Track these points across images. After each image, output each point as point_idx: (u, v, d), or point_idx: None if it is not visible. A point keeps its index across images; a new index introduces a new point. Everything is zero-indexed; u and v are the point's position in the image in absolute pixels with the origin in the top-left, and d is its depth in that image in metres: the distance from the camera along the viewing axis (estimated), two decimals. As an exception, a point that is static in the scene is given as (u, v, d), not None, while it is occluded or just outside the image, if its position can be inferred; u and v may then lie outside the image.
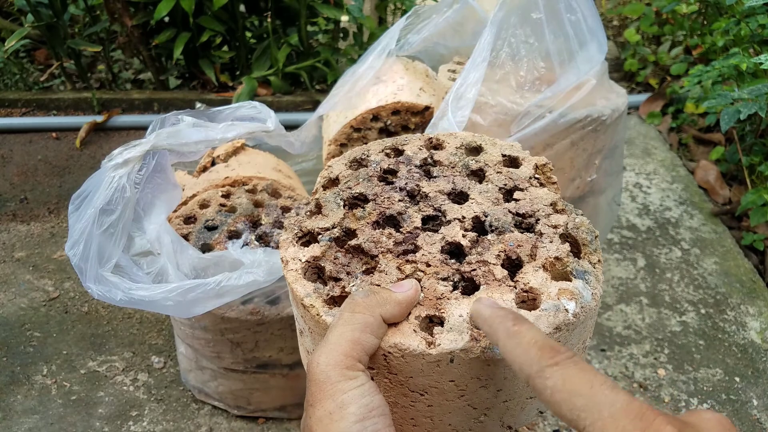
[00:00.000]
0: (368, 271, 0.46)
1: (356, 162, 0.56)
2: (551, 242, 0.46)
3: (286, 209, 0.91)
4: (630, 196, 1.51)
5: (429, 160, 0.55)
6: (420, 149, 0.57)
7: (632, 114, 1.88)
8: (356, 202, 0.52)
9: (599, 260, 0.46)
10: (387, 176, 0.54)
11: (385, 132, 1.17)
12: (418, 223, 0.49)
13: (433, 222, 0.50)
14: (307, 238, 0.50)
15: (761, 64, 1.08)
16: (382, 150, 0.57)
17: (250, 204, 0.91)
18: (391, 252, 0.46)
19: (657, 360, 1.06)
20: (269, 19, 1.81)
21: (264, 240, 0.85)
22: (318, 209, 0.52)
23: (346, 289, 0.44)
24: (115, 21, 1.82)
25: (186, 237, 0.85)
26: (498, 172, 0.53)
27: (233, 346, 0.83)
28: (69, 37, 1.88)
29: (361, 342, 0.38)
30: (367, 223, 0.49)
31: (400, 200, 0.51)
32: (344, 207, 0.51)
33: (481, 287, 0.43)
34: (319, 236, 0.48)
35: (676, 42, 2.06)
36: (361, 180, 0.53)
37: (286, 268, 0.47)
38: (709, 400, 0.99)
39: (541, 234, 0.47)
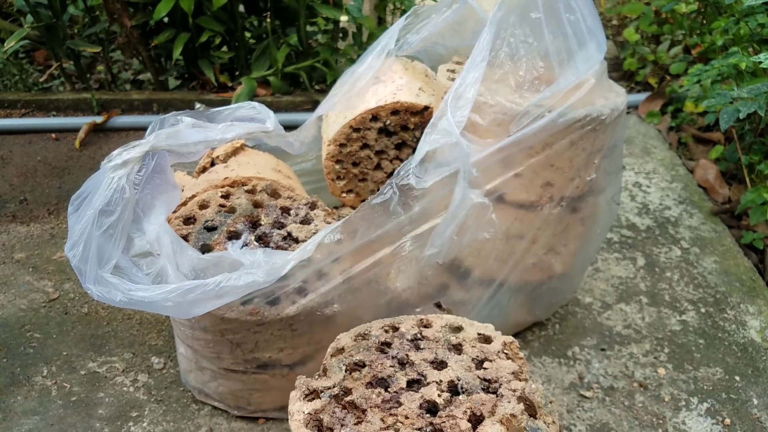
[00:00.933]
0: (358, 423, 0.57)
1: (360, 336, 0.69)
2: (509, 402, 0.57)
3: (285, 209, 0.91)
4: (629, 195, 1.51)
5: (419, 335, 0.68)
6: (413, 327, 0.70)
7: (631, 113, 1.88)
8: (356, 367, 0.64)
9: (554, 421, 0.57)
10: (384, 347, 0.67)
11: (385, 132, 1.17)
12: (404, 384, 0.61)
13: (417, 384, 0.61)
14: (312, 395, 0.61)
15: (761, 63, 1.08)
16: (382, 327, 0.70)
17: (250, 204, 0.91)
18: (378, 407, 0.58)
19: (657, 359, 1.06)
20: (268, 20, 1.81)
21: (263, 240, 0.85)
22: (324, 372, 0.64)
23: None
24: (114, 21, 1.82)
25: (185, 238, 0.85)
26: (473, 346, 0.66)
27: (233, 346, 0.83)
28: (68, 37, 1.88)
29: None
30: (362, 383, 0.61)
31: (391, 366, 0.63)
32: (345, 371, 0.63)
33: None
34: (322, 393, 0.60)
35: (675, 41, 2.06)
36: (362, 350, 0.66)
37: (292, 419, 0.58)
38: (710, 399, 0.99)
39: (502, 396, 0.58)
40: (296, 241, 0.85)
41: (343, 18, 1.92)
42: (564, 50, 0.87)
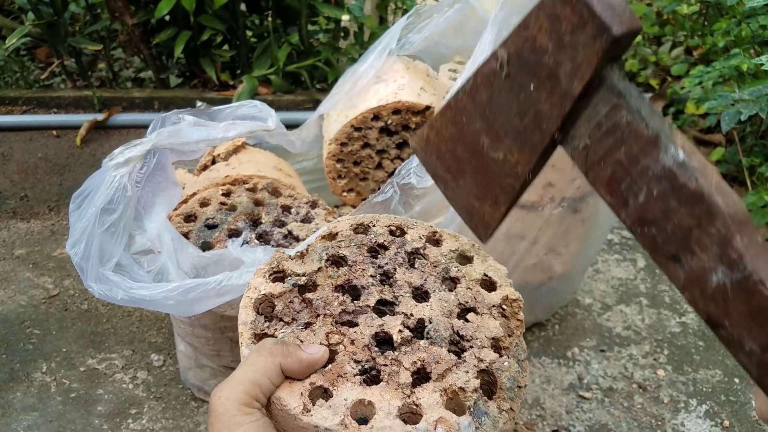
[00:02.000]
0: (308, 326, 0.50)
1: (361, 226, 0.61)
2: (466, 372, 0.48)
3: (286, 208, 0.92)
4: (630, 197, 1.51)
5: (421, 251, 0.58)
6: (420, 238, 0.60)
7: (633, 114, 1.87)
8: (337, 262, 0.56)
9: (511, 408, 0.47)
10: (377, 250, 0.58)
11: (386, 131, 1.17)
12: (372, 302, 0.52)
13: (385, 308, 0.53)
14: (280, 275, 0.54)
15: (762, 65, 1.08)
16: (389, 225, 0.61)
17: (251, 202, 0.91)
18: (333, 317, 0.50)
19: (656, 361, 1.06)
20: (270, 18, 1.81)
21: (264, 239, 0.85)
22: (302, 255, 0.56)
23: (276, 333, 0.49)
24: (115, 19, 1.82)
25: (186, 235, 0.85)
26: (468, 288, 0.55)
27: (233, 344, 0.83)
28: (70, 35, 1.88)
29: (260, 384, 0.42)
30: (333, 284, 0.54)
31: (371, 275, 0.55)
32: (325, 262, 0.55)
33: (381, 383, 0.46)
34: (287, 279, 0.53)
35: (676, 42, 2.06)
36: (353, 244, 0.58)
37: (246, 293, 0.52)
38: (708, 401, 0.99)
39: (464, 362, 0.49)
40: (297, 239, 0.85)
41: (345, 17, 1.92)
42: (566, 51, 0.86)
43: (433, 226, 0.61)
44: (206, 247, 0.83)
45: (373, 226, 0.60)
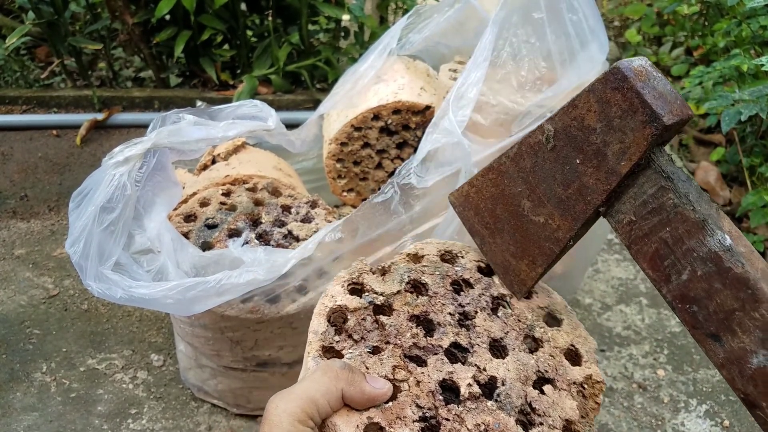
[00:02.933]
0: (375, 351, 0.47)
1: (449, 254, 0.57)
2: None
3: (286, 208, 0.91)
4: (630, 197, 1.51)
5: (506, 299, 0.54)
6: (500, 284, 0.55)
7: (633, 114, 1.87)
8: (417, 288, 0.53)
9: None
10: (461, 285, 0.54)
11: (386, 131, 1.17)
12: (446, 344, 0.49)
13: (457, 353, 0.49)
14: (358, 288, 0.52)
15: (762, 65, 1.08)
16: (479, 261, 0.57)
17: (251, 202, 0.91)
18: (402, 348, 0.48)
19: (656, 360, 1.06)
20: (270, 18, 1.81)
21: (264, 238, 0.85)
22: (384, 271, 0.54)
23: (344, 351, 0.47)
24: (116, 19, 1.82)
25: (186, 235, 0.85)
26: (550, 356, 0.51)
27: (233, 344, 0.83)
28: (70, 34, 1.88)
29: (318, 404, 0.42)
30: (409, 312, 0.51)
31: (450, 313, 0.51)
32: (404, 284, 0.53)
33: None
34: (365, 294, 0.51)
35: (677, 43, 2.06)
36: (437, 273, 0.54)
37: (323, 296, 0.50)
38: (708, 401, 0.99)
39: None
40: (297, 239, 0.85)
41: (345, 17, 1.92)
42: (566, 50, 0.87)
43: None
44: (206, 246, 0.83)
45: (462, 257, 0.57)
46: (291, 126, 1.13)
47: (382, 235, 0.78)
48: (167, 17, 1.80)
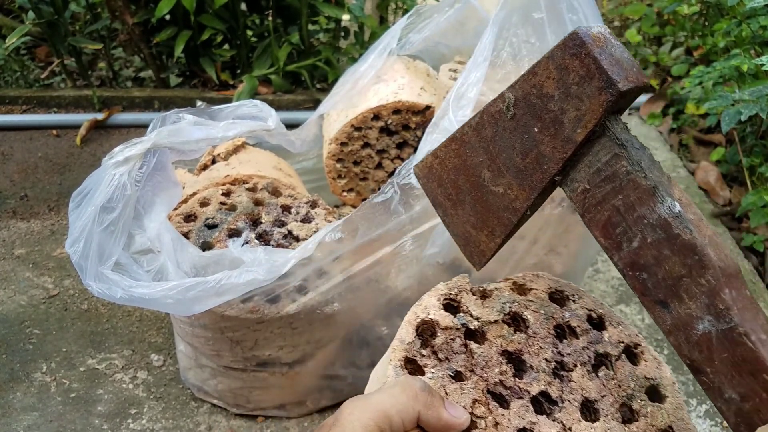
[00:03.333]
0: (457, 377, 0.45)
1: (559, 294, 0.54)
2: None
3: (286, 208, 0.91)
4: (630, 197, 1.50)
5: (612, 360, 0.50)
6: (619, 344, 0.51)
7: (633, 115, 1.88)
8: (516, 321, 0.51)
9: None
10: (565, 332, 0.51)
11: (386, 131, 1.17)
12: (535, 390, 0.46)
13: (543, 403, 0.46)
14: (454, 305, 0.50)
15: (762, 65, 1.08)
16: (591, 310, 0.53)
17: (251, 202, 0.91)
18: (487, 384, 0.46)
19: (656, 361, 1.06)
20: (270, 18, 1.81)
21: (264, 238, 0.85)
22: (485, 295, 0.52)
23: (426, 369, 0.45)
24: (116, 19, 1.82)
25: (186, 235, 0.85)
26: (651, 425, 0.47)
27: (233, 344, 0.83)
28: (70, 34, 1.88)
29: (392, 420, 0.40)
30: (502, 345, 0.48)
31: (546, 359, 0.48)
32: (503, 316, 0.50)
33: None
34: (459, 315, 0.49)
35: (677, 43, 2.06)
36: (541, 312, 0.51)
37: (416, 307, 0.48)
38: (708, 401, 0.99)
39: None
40: (297, 239, 0.85)
41: (345, 17, 1.92)
42: (566, 51, 0.86)
43: (639, 335, 0.53)
44: (206, 246, 0.83)
45: (574, 301, 0.53)
46: (291, 126, 1.13)
47: (382, 235, 0.78)
48: (167, 17, 1.80)
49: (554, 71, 0.44)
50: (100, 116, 1.79)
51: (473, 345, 0.47)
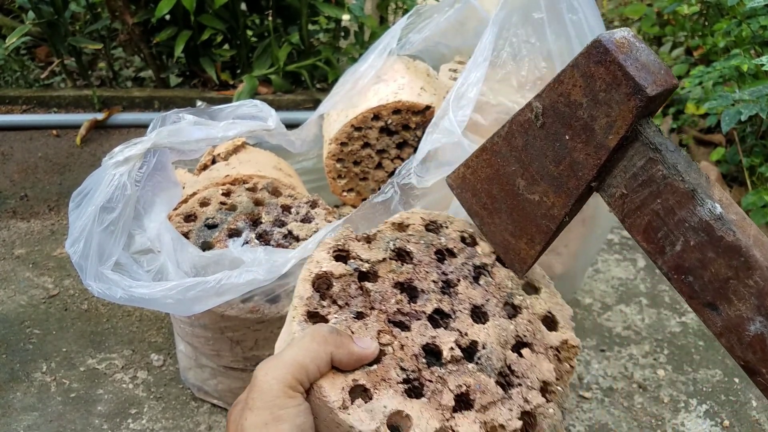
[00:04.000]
0: (359, 316, 0.48)
1: (433, 224, 0.58)
2: (510, 410, 0.46)
3: (286, 208, 0.91)
4: (630, 197, 1.50)
5: (488, 268, 0.56)
6: (491, 254, 0.57)
7: (633, 114, 1.87)
8: (402, 256, 0.54)
9: None
10: (444, 254, 0.56)
11: (386, 131, 1.17)
12: (430, 310, 0.50)
13: (439, 319, 0.51)
14: (343, 254, 0.53)
15: (762, 65, 1.08)
16: (462, 231, 0.58)
17: (251, 202, 0.91)
18: (387, 315, 0.49)
19: (656, 360, 1.06)
20: (270, 18, 1.81)
21: (264, 238, 0.85)
22: (369, 239, 0.55)
23: (329, 316, 0.48)
24: (116, 19, 1.82)
25: (186, 235, 0.85)
26: (529, 322, 0.53)
27: (233, 344, 0.83)
28: (70, 34, 1.88)
29: (308, 370, 0.42)
30: (393, 279, 0.52)
31: (433, 281, 0.52)
32: (390, 252, 0.53)
33: (422, 399, 0.45)
34: (350, 261, 0.52)
35: (677, 43, 2.06)
36: (422, 242, 0.55)
37: (306, 264, 0.51)
38: (708, 400, 0.99)
39: (510, 398, 0.47)
40: (297, 239, 0.85)
41: (345, 17, 1.92)
42: (566, 51, 0.87)
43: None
44: (206, 246, 0.83)
45: (446, 227, 0.58)
46: (291, 126, 1.13)
47: (382, 235, 0.78)
48: (167, 17, 1.80)
49: (580, 79, 0.44)
50: (100, 116, 1.79)
51: (368, 285, 0.50)
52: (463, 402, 0.46)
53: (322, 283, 0.50)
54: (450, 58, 1.15)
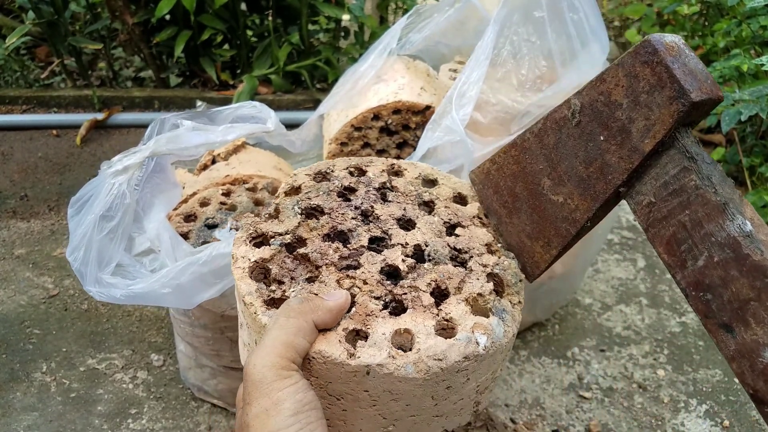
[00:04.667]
0: (311, 280, 0.49)
1: (320, 174, 0.60)
2: (478, 279, 0.50)
3: (286, 208, 0.91)
4: (630, 197, 1.50)
5: (387, 184, 0.59)
6: (381, 173, 0.61)
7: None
8: (313, 212, 0.56)
9: (519, 302, 0.50)
10: (346, 193, 0.58)
11: (386, 131, 1.17)
12: (365, 242, 0.53)
13: (379, 243, 0.54)
14: (260, 239, 0.53)
15: (762, 65, 1.08)
16: (347, 167, 0.61)
17: (251, 202, 0.91)
18: (334, 265, 0.50)
19: (656, 360, 1.06)
20: (270, 18, 1.81)
21: (264, 238, 0.85)
22: (276, 214, 0.56)
23: (286, 293, 0.48)
24: (116, 19, 1.82)
25: (186, 235, 0.85)
26: (446, 207, 0.57)
27: (233, 344, 0.83)
28: (70, 34, 1.88)
29: (294, 345, 0.42)
30: (319, 234, 0.53)
31: (353, 218, 0.55)
32: (300, 215, 0.55)
33: (408, 310, 0.47)
34: (272, 240, 0.52)
35: (677, 43, 2.06)
36: (321, 193, 0.57)
37: (235, 265, 0.51)
38: (708, 400, 0.99)
39: (471, 270, 0.51)
40: (297, 239, 0.85)
41: (345, 17, 1.92)
42: (567, 50, 0.87)
43: (388, 158, 0.63)
44: (206, 246, 0.83)
45: (332, 171, 0.60)
46: (291, 126, 1.13)
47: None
48: (167, 17, 1.80)
49: (623, 79, 0.43)
50: (100, 116, 1.79)
51: (300, 250, 0.51)
52: (439, 295, 0.50)
53: (258, 273, 0.51)
54: (450, 57, 1.15)
